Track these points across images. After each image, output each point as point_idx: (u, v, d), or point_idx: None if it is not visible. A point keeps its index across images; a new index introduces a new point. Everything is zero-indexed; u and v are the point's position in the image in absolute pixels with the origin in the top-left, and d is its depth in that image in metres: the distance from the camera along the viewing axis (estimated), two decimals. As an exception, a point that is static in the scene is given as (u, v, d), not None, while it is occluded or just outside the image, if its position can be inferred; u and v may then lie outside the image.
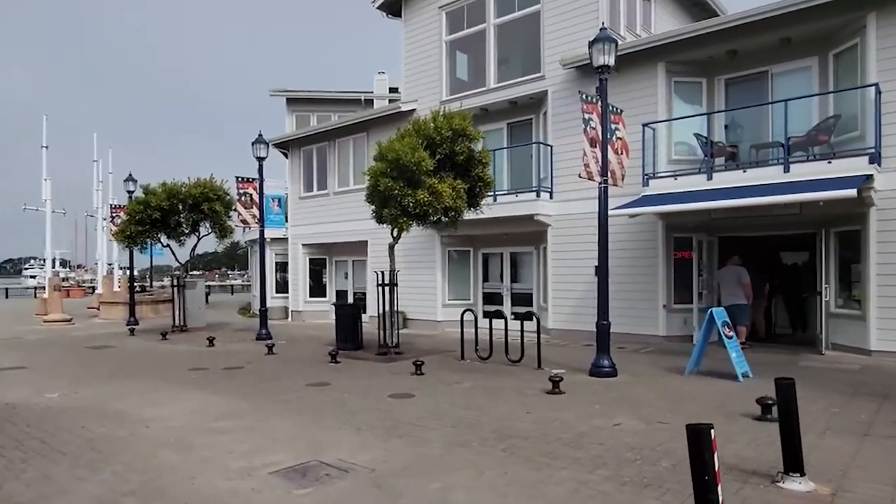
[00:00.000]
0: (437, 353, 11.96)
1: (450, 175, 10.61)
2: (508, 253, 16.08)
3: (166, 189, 15.95)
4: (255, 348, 13.31)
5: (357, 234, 18.62)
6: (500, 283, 16.24)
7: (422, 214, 10.05)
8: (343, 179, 19.33)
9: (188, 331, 17.19)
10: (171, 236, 16.71)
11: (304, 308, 20.56)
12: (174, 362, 11.41)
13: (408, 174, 9.92)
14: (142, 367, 10.84)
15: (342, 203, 19.21)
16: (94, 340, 15.40)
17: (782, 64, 11.81)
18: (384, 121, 17.66)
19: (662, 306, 12.56)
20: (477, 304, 16.58)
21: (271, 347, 12.37)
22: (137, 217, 15.74)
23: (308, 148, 20.50)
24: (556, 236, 14.14)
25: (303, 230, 20.34)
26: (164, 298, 24.74)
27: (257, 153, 14.75)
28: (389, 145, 10.15)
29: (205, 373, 10.14)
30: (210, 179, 16.34)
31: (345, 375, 9.57)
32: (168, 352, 13.04)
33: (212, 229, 16.72)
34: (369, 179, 10.34)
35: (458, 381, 8.82)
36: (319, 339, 14.64)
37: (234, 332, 17.02)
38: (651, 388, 8.05)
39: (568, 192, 13.91)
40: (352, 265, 20.10)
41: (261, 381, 9.29)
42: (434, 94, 16.58)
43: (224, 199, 16.50)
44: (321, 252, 20.69)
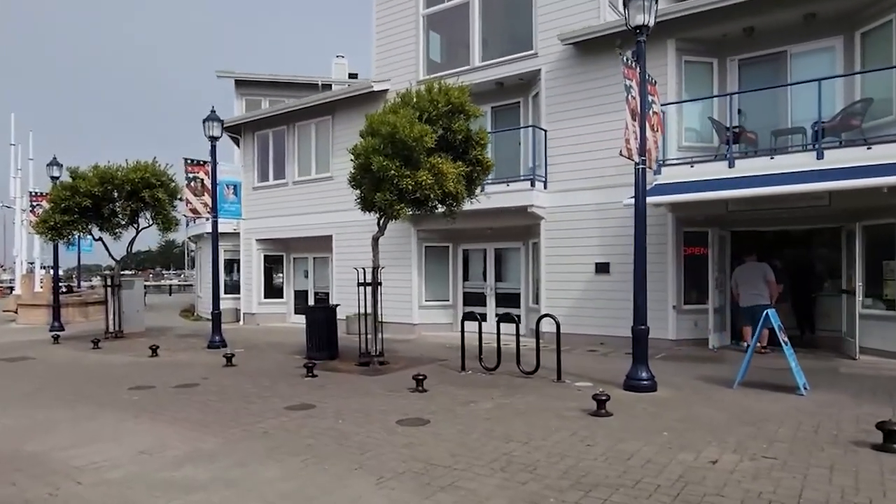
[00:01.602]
0: (426, 362, 10.40)
1: (448, 157, 9.07)
2: (493, 249, 14.67)
3: (99, 173, 13.68)
4: (209, 359, 11.36)
5: (320, 227, 16.79)
6: (483, 282, 14.81)
7: (422, 200, 8.46)
8: (304, 168, 17.42)
9: (125, 337, 14.94)
10: (105, 228, 14.41)
11: (259, 310, 18.52)
12: (111, 378, 9.39)
13: (405, 152, 8.33)
14: (69, 386, 8.79)
15: (303, 194, 17.31)
16: (8, 350, 12.99)
17: (803, 43, 10.88)
18: (352, 102, 15.92)
19: (672, 307, 11.44)
20: (456, 306, 15.10)
21: (230, 358, 10.48)
22: (63, 205, 13.40)
23: (263, 133, 18.45)
24: (550, 230, 12.83)
25: (257, 224, 18.29)
26: (94, 300, 22.08)
27: (209, 132, 12.74)
28: (382, 118, 8.53)
29: (151, 392, 8.22)
30: (153, 163, 14.16)
31: (330, 394, 7.89)
32: (102, 364, 10.92)
33: (153, 221, 14.54)
34: (357, 158, 8.66)
35: (472, 400, 7.30)
36: (283, 347, 12.79)
37: (179, 339, 14.88)
38: (712, 407, 6.78)
39: (564, 182, 12.63)
40: (313, 263, 18.22)
41: (226, 402, 7.49)
42: (409, 72, 14.98)
43: (168, 185, 14.36)
44: (278, 248, 18.69)
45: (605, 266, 12.17)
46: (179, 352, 12.49)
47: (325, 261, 17.79)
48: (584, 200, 12.37)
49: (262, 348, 12.70)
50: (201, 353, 12.32)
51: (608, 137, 12.03)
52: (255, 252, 18.61)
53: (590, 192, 12.30)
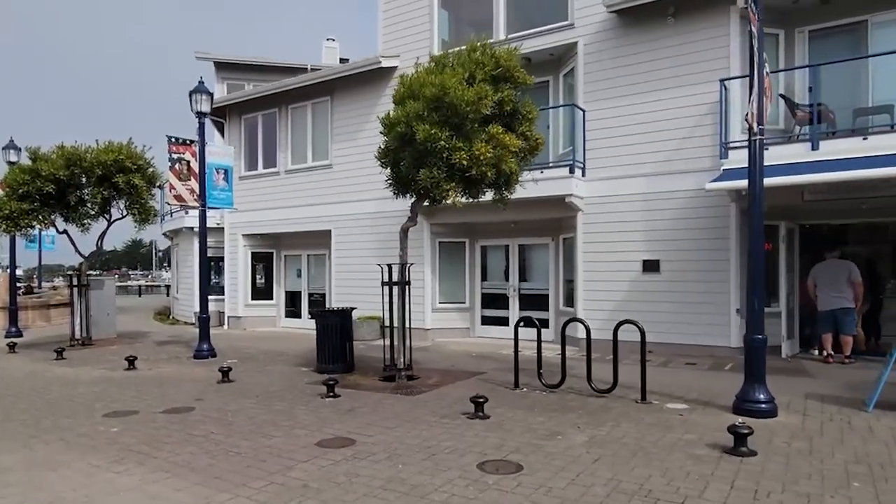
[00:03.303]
0: (461, 376, 8.80)
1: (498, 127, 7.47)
2: (516, 245, 13.13)
3: (64, 154, 11.72)
4: (199, 372, 9.57)
5: (317, 221, 15.06)
6: (505, 282, 13.26)
7: (477, 178, 6.84)
8: (298, 155, 15.64)
9: (93, 345, 13.00)
10: (70, 219, 12.42)
11: (245, 314, 16.66)
12: (80, 401, 7.56)
13: (454, 120, 6.72)
14: (25, 414, 6.95)
15: (297, 184, 15.53)
16: (-47, 363, 10.97)
17: (887, 12, 9.62)
18: (356, 81, 14.22)
19: (736, 311, 10.05)
20: (474, 309, 13.53)
21: (226, 373, 8.72)
22: (21, 191, 11.41)
23: (251, 116, 16.60)
24: (588, 223, 11.35)
25: (244, 218, 16.43)
26: (57, 302, 19.89)
27: (197, 106, 10.92)
28: (425, 78, 6.91)
29: (134, 421, 6.46)
30: (128, 144, 12.24)
31: (367, 421, 6.24)
32: (68, 381, 9.04)
33: (128, 210, 12.60)
34: (392, 129, 7.00)
35: (556, 431, 5.74)
36: (284, 357, 11.04)
37: (158, 347, 12.98)
38: (873, 441, 5.34)
39: (605, 169, 11.17)
40: (307, 260, 16.43)
41: (235, 435, 5.78)
42: (421, 47, 13.33)
43: (146, 171, 12.45)
44: (267, 245, 16.85)
45: (653, 264, 10.74)
46: (161, 363, 10.64)
47: (321, 258, 16.04)
48: (630, 189, 10.92)
49: (258, 359, 10.93)
50: (188, 364, 10.49)
51: (659, 118, 10.63)
52: (241, 249, 16.75)
53: (636, 180, 10.87)
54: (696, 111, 10.34)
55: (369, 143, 14.14)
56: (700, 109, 10.30)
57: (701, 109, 10.29)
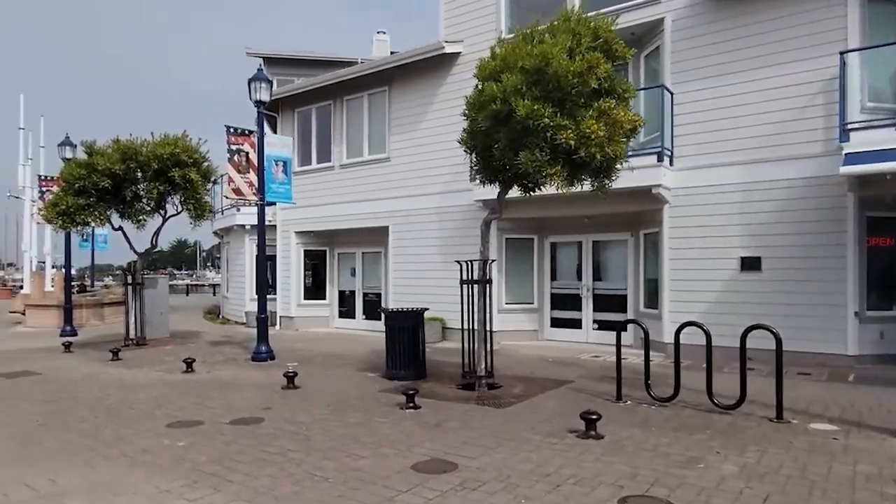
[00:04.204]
0: (548, 385, 7.92)
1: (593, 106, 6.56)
2: (590, 242, 12.16)
3: (120, 148, 11.31)
4: (260, 377, 8.95)
5: (373, 217, 14.38)
6: (577, 281, 12.31)
7: (585, 161, 5.96)
8: (354, 148, 15.00)
9: (147, 345, 12.60)
10: (126, 215, 12.03)
11: (298, 314, 16.10)
12: (140, 408, 6.98)
13: (557, 95, 5.85)
14: (84, 422, 6.39)
15: (352, 179, 14.90)
16: (10, 362, 10.64)
17: None
18: (415, 69, 13.48)
19: (854, 314, 8.89)
20: (542, 310, 12.61)
21: (292, 378, 8.06)
22: (77, 185, 11.03)
23: (304, 109, 16.06)
24: (676, 217, 10.32)
25: (297, 214, 15.88)
26: (110, 300, 19.79)
27: (256, 94, 10.35)
28: (522, 48, 6.06)
29: (200, 434, 5.80)
30: (183, 136, 11.78)
31: (460, 439, 5.43)
32: (125, 384, 8.53)
33: (183, 206, 12.15)
34: (482, 108, 6.15)
35: (692, 456, 4.82)
36: (346, 361, 10.37)
37: (212, 347, 12.50)
38: None
39: (696, 157, 10.14)
40: (361, 259, 15.79)
41: (315, 453, 5.05)
42: (487, 31, 12.50)
43: (201, 165, 11.97)
44: (320, 242, 16.28)
45: (753, 262, 9.65)
46: (219, 366, 10.10)
47: (376, 256, 15.37)
48: (725, 178, 9.86)
49: (318, 362, 10.28)
50: (247, 367, 9.91)
51: (759, 99, 9.56)
52: (293, 247, 16.21)
53: (732, 169, 9.80)
54: (805, 90, 9.22)
55: (430, 135, 13.44)
56: (810, 88, 9.19)
57: (811, 88, 9.18)
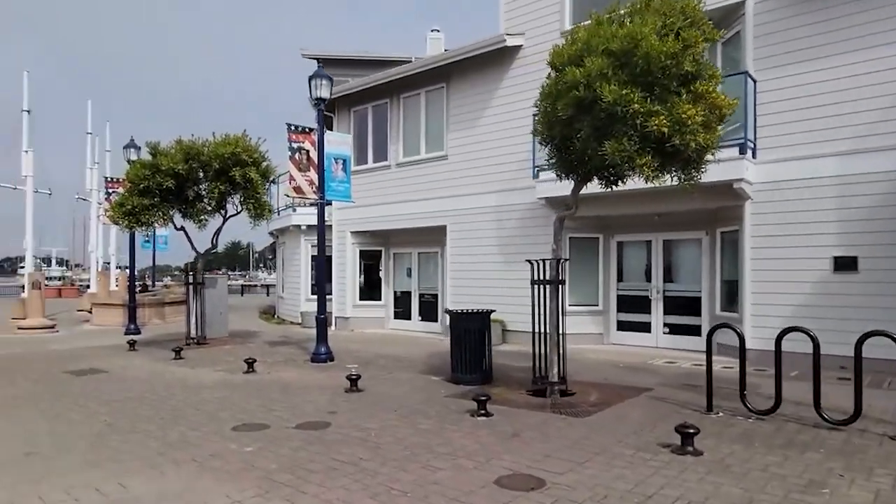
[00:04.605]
0: (626, 393, 7.40)
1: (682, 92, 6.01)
2: (660, 241, 11.52)
3: (183, 148, 11.37)
4: (321, 378, 8.75)
5: (430, 217, 14.09)
6: (646, 282, 11.68)
7: (678, 149, 5.44)
8: (411, 147, 14.76)
9: (207, 344, 12.65)
10: (188, 215, 12.12)
11: (353, 314, 15.97)
12: (205, 409, 6.85)
13: (647, 78, 5.37)
14: (151, 423, 6.28)
15: (408, 178, 14.66)
16: (78, 360, 10.82)
17: None
18: (474, 64, 13.13)
19: (970, 320, 8.01)
20: (608, 312, 12.03)
21: (355, 381, 7.80)
22: (142, 185, 11.15)
23: (361, 108, 15.94)
24: (759, 213, 9.61)
25: (352, 214, 15.75)
26: (170, 300, 20.20)
27: (317, 92, 10.20)
28: (607, 30, 5.61)
29: (267, 438, 5.58)
30: (243, 136, 11.77)
31: (540, 451, 5.01)
32: (189, 384, 8.46)
33: (243, 206, 12.14)
34: (565, 95, 5.71)
35: (815, 482, 4.26)
36: (407, 363, 10.08)
37: (271, 348, 12.45)
38: None
39: (782, 149, 9.40)
40: (417, 259, 15.53)
41: (389, 463, 4.73)
42: (550, 22, 12.06)
43: (261, 164, 11.93)
44: (376, 242, 16.11)
45: (849, 262, 8.87)
46: (279, 366, 9.97)
47: (432, 256, 15.09)
48: (816, 172, 9.09)
49: (379, 364, 10.02)
50: (307, 369, 9.75)
51: (858, 84, 8.79)
52: (349, 247, 16.10)
53: (825, 161, 9.03)
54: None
55: (489, 131, 13.05)
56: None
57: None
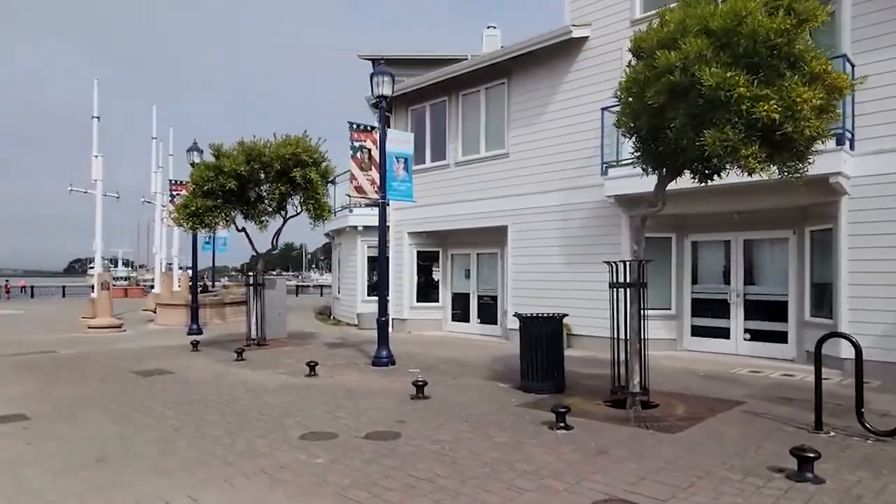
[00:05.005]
0: (714, 406, 6.80)
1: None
2: (740, 240, 10.76)
3: (245, 149, 11.36)
4: (384, 383, 8.48)
5: (490, 216, 13.69)
6: (724, 285, 10.94)
7: (792, 137, 4.87)
8: (470, 145, 14.41)
9: (267, 345, 12.62)
10: (250, 216, 12.13)
11: (410, 316, 15.73)
12: (270, 415, 6.65)
13: (751, 59, 4.82)
14: (219, 429, 6.11)
15: (467, 177, 14.31)
16: (144, 360, 10.94)
17: None
18: (538, 58, 12.64)
19: None
20: (682, 317, 11.34)
21: (421, 388, 7.47)
22: (206, 187, 11.19)
23: (418, 107, 15.71)
24: (858, 210, 8.78)
25: (409, 214, 15.51)
26: (230, 300, 20.50)
27: (379, 89, 9.96)
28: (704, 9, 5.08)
29: (337, 449, 5.30)
30: (303, 136, 11.67)
31: (634, 472, 4.53)
32: (252, 388, 8.33)
33: (303, 207, 12.06)
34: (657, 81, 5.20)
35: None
36: (471, 368, 9.71)
37: (330, 349, 12.31)
38: None
39: (885, 140, 8.57)
40: (475, 260, 15.16)
41: (472, 484, 4.35)
42: (619, 11, 11.47)
43: (321, 164, 11.81)
44: (433, 243, 15.83)
45: (964, 263, 7.96)
46: (340, 369, 9.77)
47: (492, 257, 14.68)
48: (924, 165, 8.23)
49: (441, 369, 9.69)
50: (369, 373, 9.50)
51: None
52: (406, 247, 15.87)
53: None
54: None
55: (553, 127, 12.54)
56: None
57: None
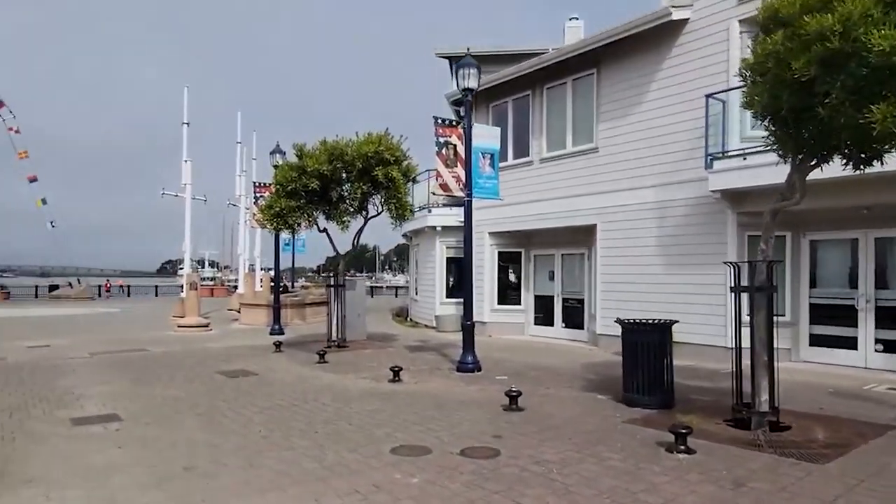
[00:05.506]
0: (862, 430, 5.87)
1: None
2: (870, 239, 9.55)
3: (327, 148, 11.21)
4: (473, 393, 8.00)
5: (577, 215, 12.95)
6: (850, 289, 9.75)
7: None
8: (555, 141, 13.73)
9: (348, 347, 12.45)
10: (331, 216, 12.00)
11: (490, 319, 15.20)
12: (358, 423, 6.31)
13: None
14: (307, 438, 5.82)
15: (552, 174, 13.63)
16: (230, 360, 10.99)
17: None
18: (630, 45, 11.81)
19: None
20: (798, 324, 10.23)
21: (515, 398, 6.92)
22: (290, 188, 11.12)
23: (499, 103, 15.18)
24: None
25: (490, 214, 14.95)
26: (310, 301, 20.71)
27: (465, 81, 9.54)
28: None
29: (432, 468, 4.85)
30: (385, 134, 11.40)
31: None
32: (338, 393, 8.07)
33: (384, 206, 11.80)
34: (806, 51, 4.42)
35: None
36: (559, 376, 9.08)
37: (411, 353, 12.00)
38: None
39: None
40: (560, 261, 14.45)
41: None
42: (722, -10, 10.50)
43: (402, 163, 11.51)
44: (515, 243, 15.26)
45: None
46: (424, 375, 9.39)
47: (578, 258, 13.95)
48: None
49: (532, 377, 9.10)
50: (454, 379, 9.06)
51: None
52: (487, 248, 15.37)
53: None
54: None
55: (648, 118, 11.64)
56: None
57: None
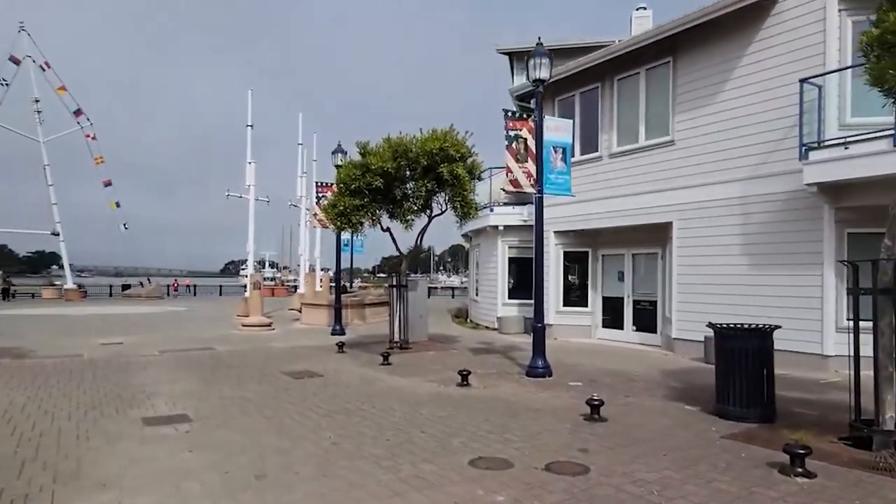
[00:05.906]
0: None
1: None
2: None
3: (391, 145, 10.98)
4: (547, 399, 7.53)
5: (651, 212, 12.25)
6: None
7: None
8: (626, 134, 13.05)
9: (410, 348, 12.19)
10: (395, 215, 11.75)
11: (556, 321, 14.62)
12: (430, 431, 5.97)
13: None
14: (378, 446, 5.52)
15: (623, 169, 12.97)
16: (293, 360, 10.89)
17: None
18: (710, 30, 11.05)
19: None
20: (905, 332, 9.20)
21: (597, 408, 6.43)
22: (353, 186, 10.94)
23: (566, 97, 14.58)
24: None
25: (556, 212, 14.36)
26: (370, 301, 20.63)
27: (536, 72, 9.08)
28: None
29: (517, 485, 4.44)
30: (450, 131, 11.06)
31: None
32: (405, 395, 7.77)
33: (449, 204, 11.46)
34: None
35: None
36: (636, 383, 8.49)
37: (475, 356, 11.60)
38: None
39: None
40: (630, 261, 13.74)
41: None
42: (816, -34, 9.62)
43: (467, 160, 11.14)
44: (581, 243, 14.64)
45: None
46: (493, 379, 8.98)
47: (650, 258, 13.21)
48: None
49: (607, 384, 8.54)
50: (525, 384, 8.61)
51: None
52: (552, 248, 14.80)
53: None
54: None
55: (731, 107, 10.79)
56: None
57: None
